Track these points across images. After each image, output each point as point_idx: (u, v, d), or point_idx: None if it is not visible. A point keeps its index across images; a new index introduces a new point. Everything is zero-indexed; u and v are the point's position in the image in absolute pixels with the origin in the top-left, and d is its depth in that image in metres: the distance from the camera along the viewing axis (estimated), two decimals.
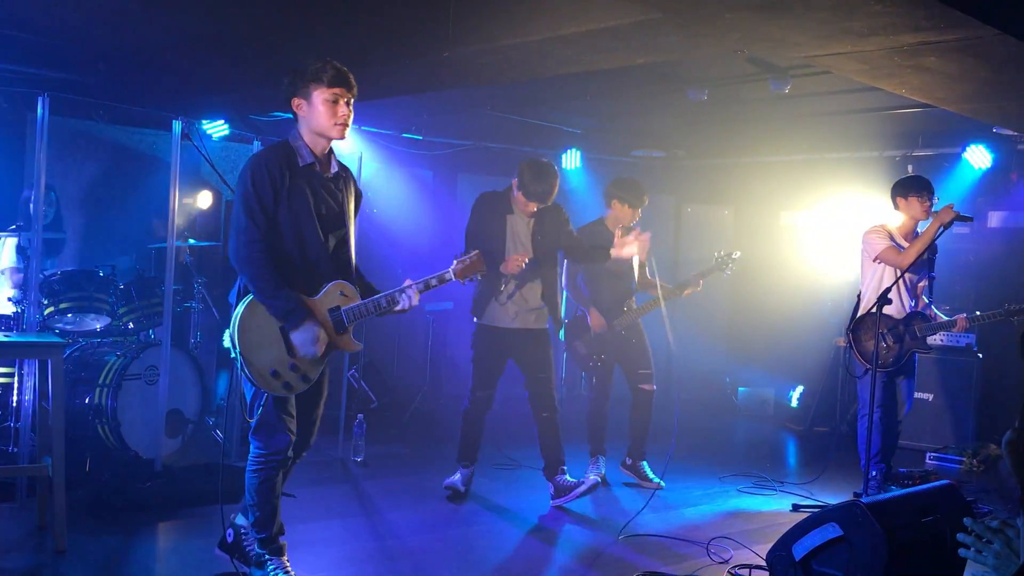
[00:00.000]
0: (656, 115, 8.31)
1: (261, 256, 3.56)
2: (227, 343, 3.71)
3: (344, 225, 3.82)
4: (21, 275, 5.63)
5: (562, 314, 5.55)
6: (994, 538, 2.08)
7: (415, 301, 3.83)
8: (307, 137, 3.73)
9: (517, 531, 5.09)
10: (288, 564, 3.84)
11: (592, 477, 5.36)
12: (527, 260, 5.25)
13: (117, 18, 5.81)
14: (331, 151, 3.81)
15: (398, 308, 3.82)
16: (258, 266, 3.56)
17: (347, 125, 3.70)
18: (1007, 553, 2.04)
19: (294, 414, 3.78)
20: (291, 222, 3.63)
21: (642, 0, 4.29)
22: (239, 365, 3.60)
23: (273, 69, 6.41)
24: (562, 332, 6.12)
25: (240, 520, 4.01)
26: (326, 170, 3.78)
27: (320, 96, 3.64)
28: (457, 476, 5.57)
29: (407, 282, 3.82)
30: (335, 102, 3.65)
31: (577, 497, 5.36)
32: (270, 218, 3.61)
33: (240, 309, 3.62)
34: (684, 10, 4.28)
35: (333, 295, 3.73)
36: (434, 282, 3.90)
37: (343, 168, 3.89)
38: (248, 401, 3.75)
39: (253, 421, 3.72)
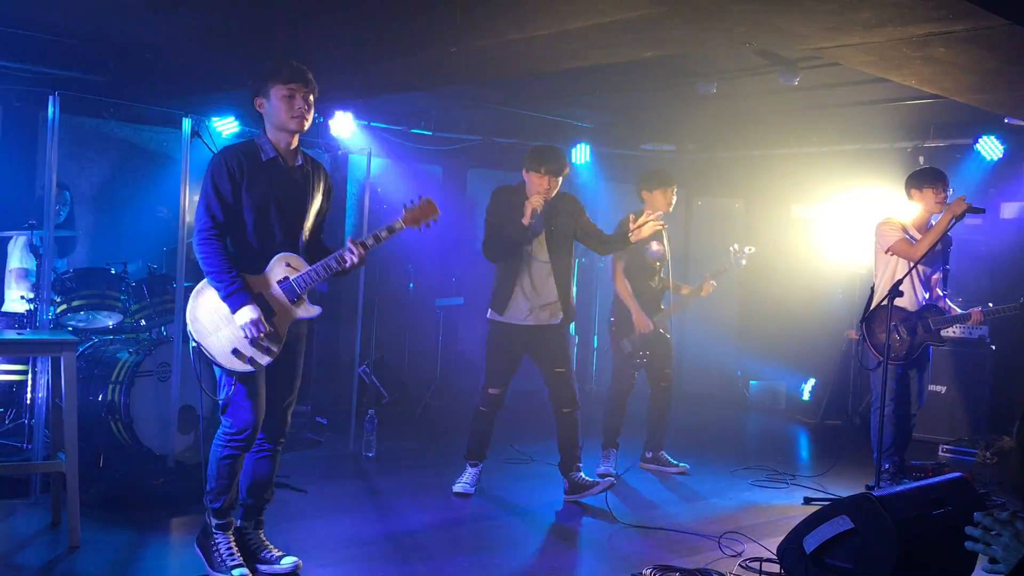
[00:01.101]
0: (666, 108, 8.29)
1: (213, 244, 3.76)
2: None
3: (303, 213, 3.96)
4: (33, 273, 5.67)
5: (574, 307, 5.50)
6: (1003, 530, 2.07)
7: (357, 253, 3.88)
8: (270, 133, 3.91)
9: (529, 525, 5.10)
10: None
11: (607, 477, 5.34)
12: (541, 207, 5.20)
13: (127, 16, 5.84)
14: (297, 147, 3.97)
15: (348, 265, 3.91)
16: (209, 253, 3.75)
17: (305, 118, 3.86)
18: (1015, 545, 2.03)
19: (261, 393, 3.88)
20: (252, 212, 3.81)
21: None
22: (201, 351, 3.78)
23: None
24: (575, 329, 6.15)
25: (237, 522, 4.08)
26: (290, 163, 3.93)
27: (278, 93, 3.82)
28: (465, 479, 5.54)
29: (349, 239, 3.92)
30: (292, 97, 3.82)
31: (591, 496, 5.36)
32: (229, 210, 3.79)
33: (190, 300, 3.86)
34: (690, 2, 4.27)
35: (278, 268, 3.87)
36: (384, 234, 3.96)
37: (312, 163, 4.05)
38: (217, 382, 3.88)
39: (221, 400, 3.86)
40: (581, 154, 9.15)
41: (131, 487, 5.02)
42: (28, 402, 5.35)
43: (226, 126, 7.03)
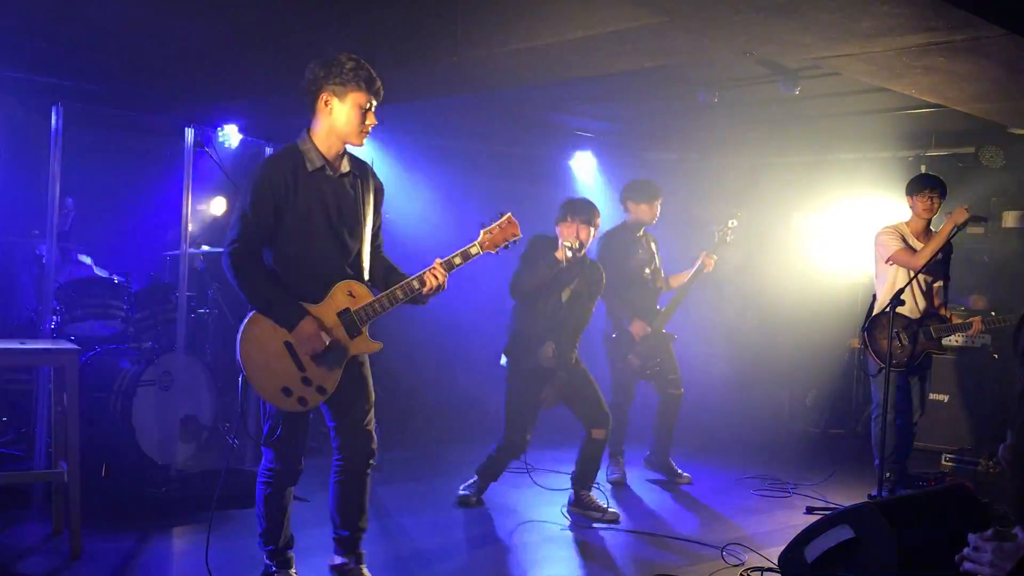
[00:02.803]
0: (667, 117, 8.31)
1: (248, 262, 3.43)
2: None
3: (359, 223, 3.63)
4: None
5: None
6: (986, 546, 2.08)
7: (438, 281, 3.61)
8: (320, 138, 3.54)
9: (532, 534, 5.10)
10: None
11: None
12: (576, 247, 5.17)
13: (130, 26, 5.87)
14: (344, 152, 3.63)
15: (426, 290, 3.61)
16: (245, 272, 3.43)
17: (366, 136, 3.58)
18: (998, 562, 2.05)
19: (305, 430, 3.67)
20: (300, 230, 3.48)
21: (649, 3, 4.30)
22: (249, 385, 3.49)
23: (285, 76, 6.46)
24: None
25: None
26: (337, 170, 3.59)
27: (357, 100, 3.48)
28: (473, 485, 5.51)
29: (436, 261, 3.67)
30: (368, 110, 3.51)
31: (591, 520, 5.26)
32: (267, 228, 3.45)
33: (240, 332, 3.49)
34: (691, 13, 4.28)
35: (340, 297, 3.53)
36: (458, 260, 3.68)
37: (357, 164, 3.70)
38: (263, 414, 3.66)
39: (264, 442, 3.63)
40: (584, 163, 9.17)
41: (133, 496, 5.03)
42: (30, 412, 5.36)
43: (229, 136, 7.05)
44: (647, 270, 6.23)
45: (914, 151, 8.12)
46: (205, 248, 6.72)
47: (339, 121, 3.50)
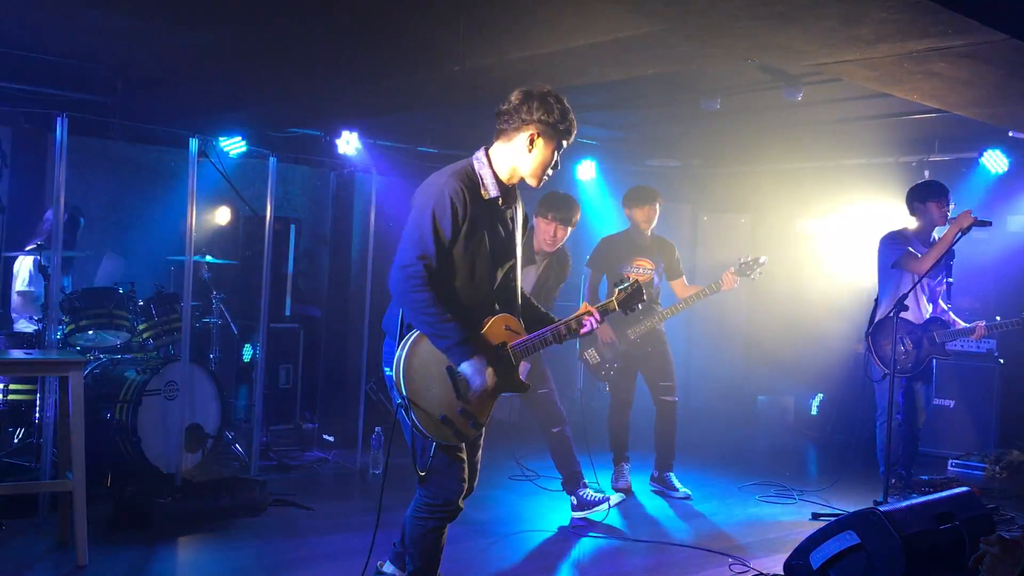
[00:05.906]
0: (670, 125, 8.32)
1: (424, 290, 3.17)
2: (395, 380, 3.30)
3: (513, 255, 3.46)
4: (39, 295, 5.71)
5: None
6: (992, 548, 2.09)
7: (599, 324, 3.52)
8: (503, 167, 3.35)
9: (537, 543, 5.09)
10: None
11: (615, 496, 5.29)
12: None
13: (134, 38, 5.90)
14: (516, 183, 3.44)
15: (584, 331, 3.50)
16: (421, 301, 3.17)
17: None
18: (994, 565, 2.06)
19: (465, 459, 3.42)
20: (466, 259, 3.29)
21: (650, 12, 4.31)
22: (406, 412, 3.24)
23: (289, 86, 6.49)
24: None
25: (389, 569, 3.76)
26: (509, 203, 3.42)
27: (552, 146, 3.33)
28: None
29: (583, 306, 3.53)
30: (558, 150, 3.36)
31: (599, 512, 5.32)
32: (443, 254, 3.23)
33: (402, 353, 3.25)
34: (691, 21, 4.29)
35: (498, 331, 3.37)
36: (610, 307, 3.60)
37: (518, 196, 3.55)
38: (412, 448, 3.40)
39: (422, 471, 3.38)
40: (587, 170, 9.18)
41: (138, 506, 5.03)
42: (36, 421, 5.38)
43: (233, 146, 7.08)
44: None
45: (917, 156, 8.12)
46: (209, 258, 6.73)
47: (536, 161, 3.33)
